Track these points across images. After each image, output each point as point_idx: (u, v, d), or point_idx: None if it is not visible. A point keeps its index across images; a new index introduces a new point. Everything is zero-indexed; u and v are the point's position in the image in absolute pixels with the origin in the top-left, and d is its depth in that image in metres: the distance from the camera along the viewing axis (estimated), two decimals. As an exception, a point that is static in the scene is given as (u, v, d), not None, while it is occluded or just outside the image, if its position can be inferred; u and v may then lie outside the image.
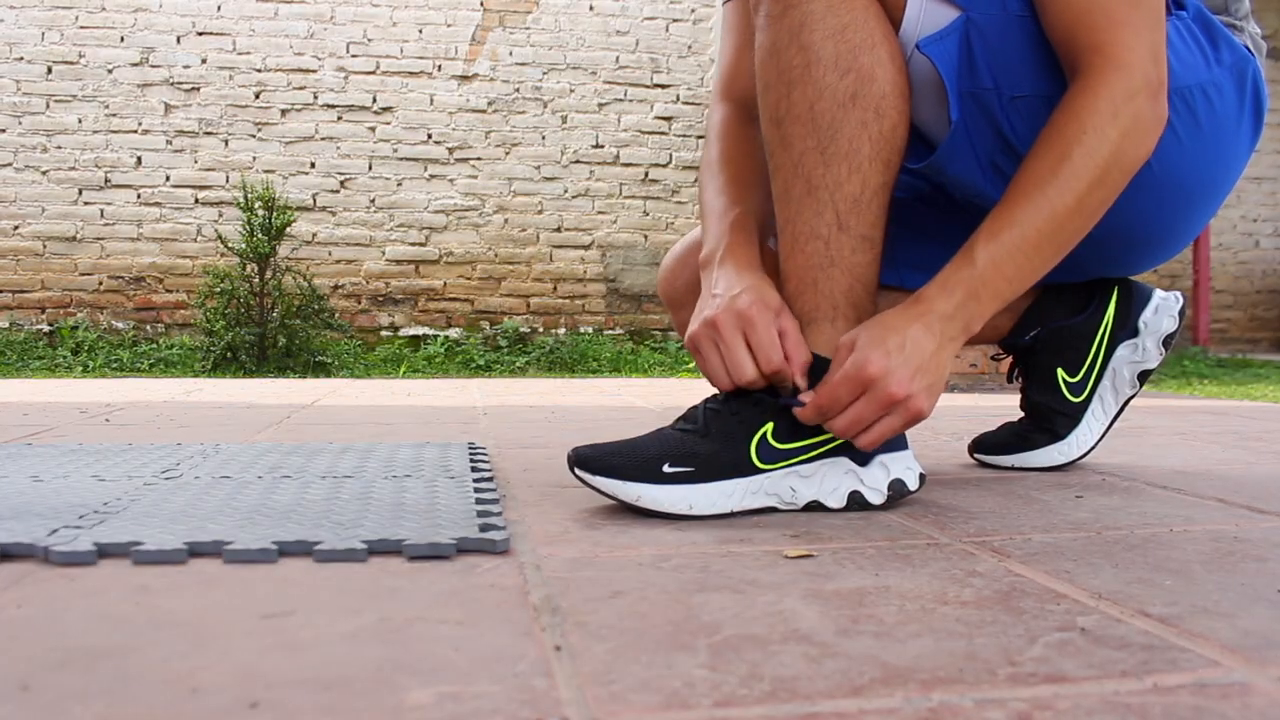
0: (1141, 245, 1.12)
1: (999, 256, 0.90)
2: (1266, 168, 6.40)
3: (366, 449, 1.36)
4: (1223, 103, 1.01)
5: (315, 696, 0.48)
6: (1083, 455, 1.24)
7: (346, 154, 5.19)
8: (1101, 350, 1.22)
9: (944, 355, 0.90)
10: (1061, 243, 0.92)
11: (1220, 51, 1.01)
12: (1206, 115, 1.00)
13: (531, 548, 0.80)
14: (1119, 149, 0.90)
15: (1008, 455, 1.25)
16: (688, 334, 0.97)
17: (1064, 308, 1.23)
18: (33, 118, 4.97)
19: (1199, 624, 0.60)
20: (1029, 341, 1.24)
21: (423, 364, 4.75)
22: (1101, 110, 0.89)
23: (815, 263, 0.94)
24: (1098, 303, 1.22)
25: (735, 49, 1.16)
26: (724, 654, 0.54)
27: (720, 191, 1.06)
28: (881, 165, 0.93)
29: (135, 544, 0.77)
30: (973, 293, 0.90)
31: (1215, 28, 1.01)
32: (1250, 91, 1.04)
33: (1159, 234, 1.10)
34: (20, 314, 4.96)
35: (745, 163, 1.09)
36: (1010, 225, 0.90)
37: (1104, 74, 0.90)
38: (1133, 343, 1.23)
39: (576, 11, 5.38)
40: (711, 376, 0.94)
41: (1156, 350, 1.22)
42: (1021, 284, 0.92)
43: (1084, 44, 0.91)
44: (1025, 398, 1.27)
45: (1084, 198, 0.90)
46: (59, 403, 2.38)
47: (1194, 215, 1.09)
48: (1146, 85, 0.90)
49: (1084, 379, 1.23)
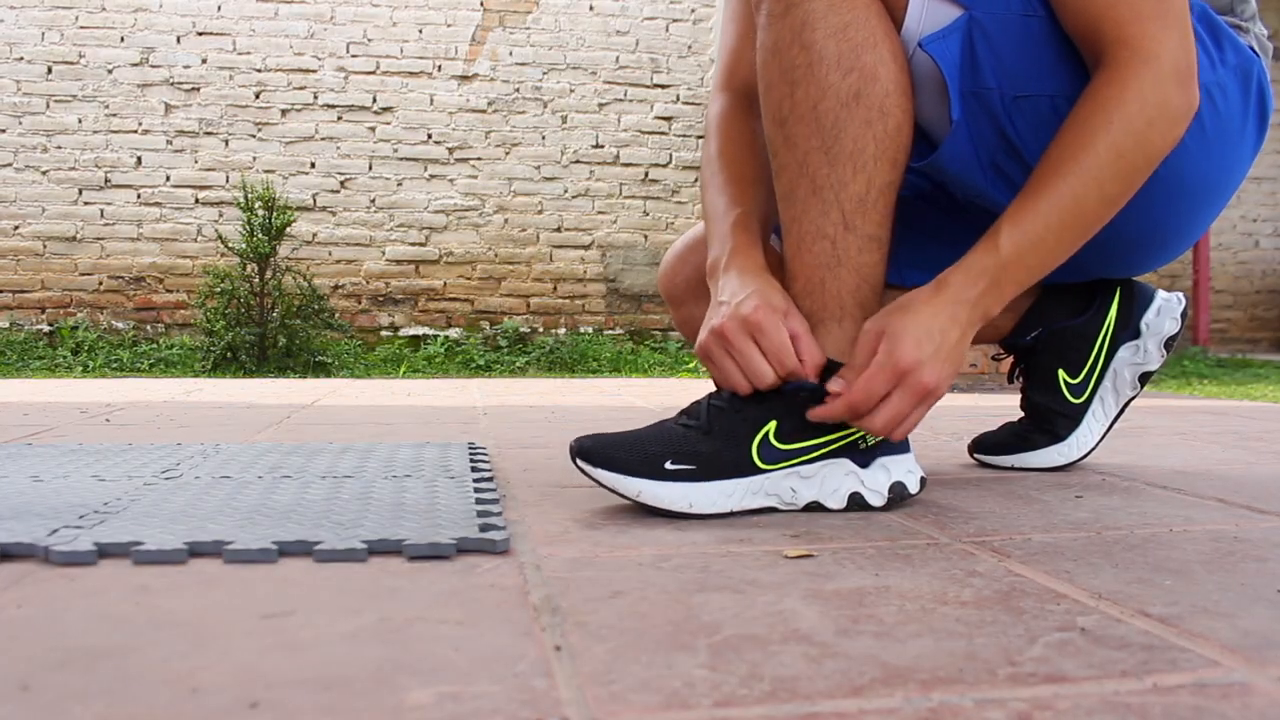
0: (1144, 246, 1.12)
1: (1023, 245, 0.89)
2: (1267, 168, 6.40)
3: (366, 449, 1.36)
4: (1227, 104, 1.01)
5: (315, 696, 0.48)
6: (1083, 456, 1.23)
7: (346, 154, 5.19)
8: (1103, 352, 1.22)
9: (965, 343, 0.91)
10: (1083, 231, 0.92)
11: (1225, 52, 1.00)
12: (1211, 117, 0.99)
13: (531, 548, 0.80)
14: (1145, 139, 0.90)
15: (1008, 455, 1.25)
16: (697, 344, 0.96)
17: (1065, 308, 1.23)
18: (33, 118, 4.97)
19: (1199, 624, 0.60)
20: (1030, 342, 1.24)
21: (423, 364, 4.75)
22: (1129, 101, 0.89)
23: (822, 263, 0.94)
24: (1099, 304, 1.22)
25: (737, 38, 1.15)
26: (724, 654, 0.54)
27: (721, 191, 1.06)
28: (887, 164, 0.93)
29: (135, 544, 0.77)
30: (996, 280, 0.90)
31: (1220, 28, 1.01)
32: (1255, 93, 1.03)
33: (1162, 235, 1.10)
34: (20, 314, 4.96)
35: (746, 157, 1.08)
36: (1035, 214, 0.90)
37: (1132, 66, 0.89)
38: (1134, 344, 1.22)
39: (576, 11, 5.38)
40: (724, 383, 0.94)
41: (1158, 352, 1.22)
42: (1040, 271, 0.92)
43: (1110, 38, 0.90)
44: (1025, 398, 1.27)
45: (1107, 187, 0.90)
46: (59, 403, 2.38)
47: (1197, 217, 1.09)
48: (1176, 74, 0.90)
49: (1085, 380, 1.23)
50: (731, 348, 0.92)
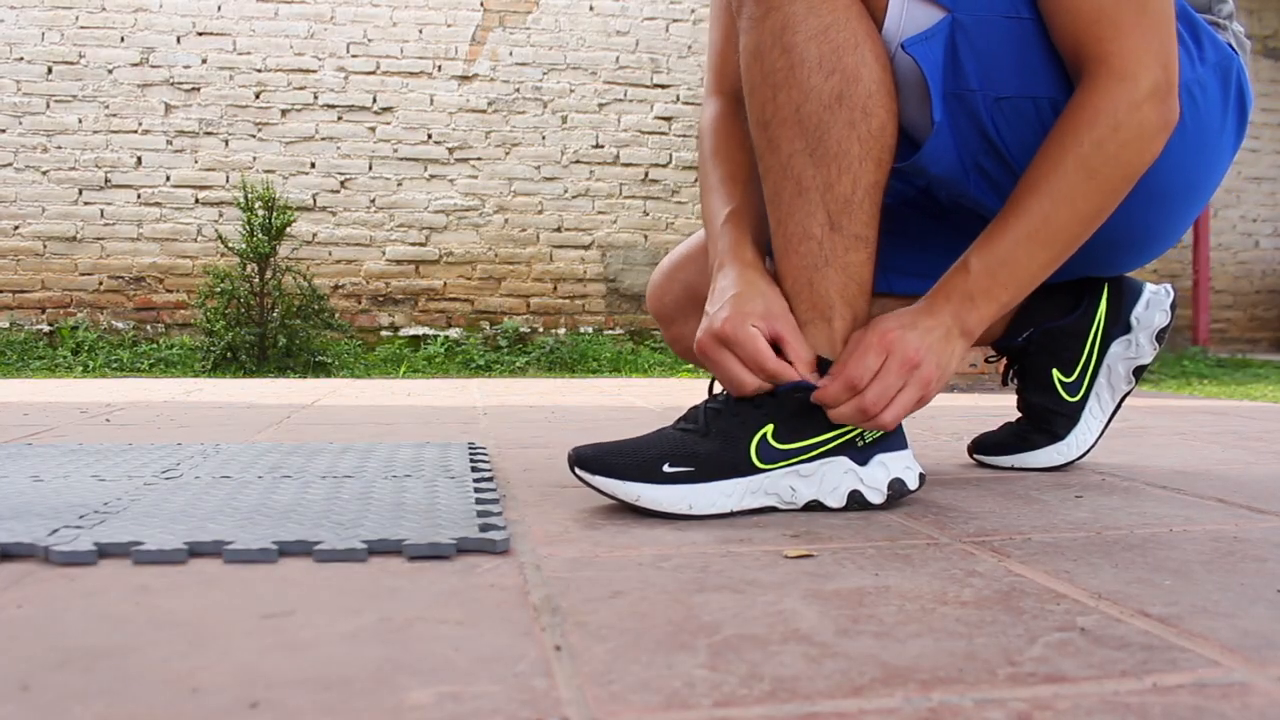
0: (1126, 246, 1.12)
1: (992, 264, 0.92)
2: (1266, 168, 6.40)
3: (366, 449, 1.36)
4: (1207, 101, 1.01)
5: (315, 696, 0.48)
6: (1083, 455, 1.24)
7: (346, 154, 5.19)
8: (1095, 348, 1.22)
9: (950, 350, 0.92)
10: (1060, 247, 0.93)
11: (1204, 50, 1.00)
12: (1190, 115, 0.99)
13: (531, 548, 0.80)
14: (1117, 158, 0.91)
15: (1008, 456, 1.25)
16: (694, 348, 0.98)
17: (1055, 308, 1.23)
18: (33, 118, 4.97)
19: (1199, 624, 0.60)
20: (1022, 343, 1.24)
21: (423, 364, 4.75)
22: (1100, 122, 0.90)
23: (809, 263, 0.94)
24: (1088, 301, 1.22)
25: (722, 41, 1.15)
26: (724, 654, 0.54)
27: (714, 191, 1.06)
28: (872, 164, 0.93)
29: (135, 544, 0.77)
30: (968, 298, 0.92)
31: (1199, 25, 1.01)
32: (1235, 90, 1.03)
33: (1144, 234, 1.10)
34: (20, 314, 4.96)
35: (738, 157, 1.08)
36: (1004, 233, 0.92)
37: (1107, 85, 0.90)
38: (1126, 339, 1.22)
39: (576, 11, 5.38)
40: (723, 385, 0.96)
41: (1150, 345, 1.22)
42: (1018, 287, 0.94)
43: (1090, 53, 0.91)
44: (1022, 399, 1.27)
45: (1080, 205, 0.91)
46: (59, 403, 2.38)
47: (1179, 215, 1.09)
48: (1154, 92, 0.90)
49: (1079, 378, 1.23)
50: (710, 360, 0.94)
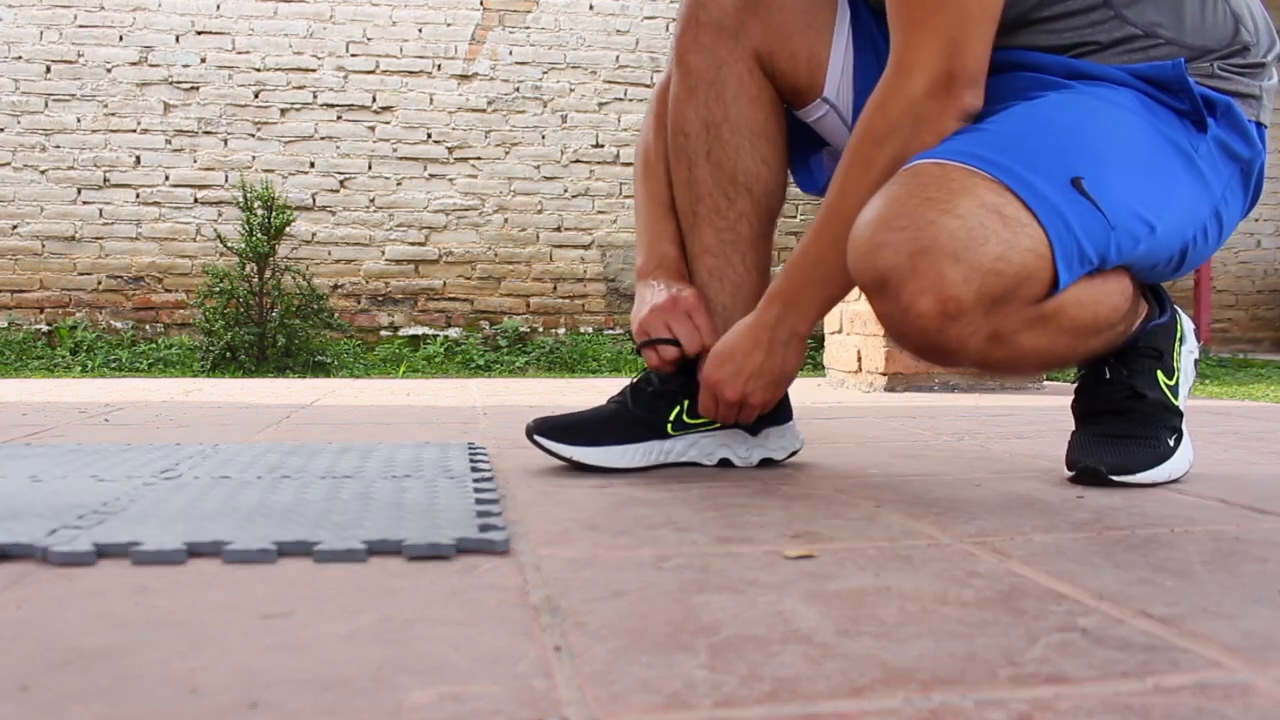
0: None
1: (794, 262, 1.07)
2: (1267, 168, 6.40)
3: (366, 449, 1.36)
4: (1229, 215, 1.07)
5: (315, 696, 0.48)
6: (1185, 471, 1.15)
7: (346, 153, 5.19)
8: (1179, 353, 1.16)
9: (776, 358, 1.10)
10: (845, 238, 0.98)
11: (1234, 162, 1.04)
12: (1215, 233, 1.06)
13: (531, 548, 0.80)
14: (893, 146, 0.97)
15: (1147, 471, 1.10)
16: None
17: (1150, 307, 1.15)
18: (31, 117, 4.97)
19: (1200, 625, 0.60)
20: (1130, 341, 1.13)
21: (422, 364, 4.75)
22: (874, 118, 0.98)
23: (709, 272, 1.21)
24: (1166, 301, 1.16)
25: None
26: (724, 654, 0.54)
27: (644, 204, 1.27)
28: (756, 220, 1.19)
29: (134, 544, 0.76)
30: (787, 300, 1.08)
31: (1232, 138, 1.02)
32: (1253, 187, 1.08)
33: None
34: (19, 314, 4.96)
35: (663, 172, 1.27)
36: (807, 234, 1.06)
37: (888, 78, 0.98)
38: (1188, 347, 1.18)
39: (576, 11, 5.38)
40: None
41: (1194, 339, 1.20)
42: (826, 284, 1.06)
43: (893, 49, 0.98)
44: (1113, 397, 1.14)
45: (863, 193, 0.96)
46: (58, 402, 2.38)
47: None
48: (930, 85, 0.95)
49: (1176, 383, 1.16)
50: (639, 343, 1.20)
